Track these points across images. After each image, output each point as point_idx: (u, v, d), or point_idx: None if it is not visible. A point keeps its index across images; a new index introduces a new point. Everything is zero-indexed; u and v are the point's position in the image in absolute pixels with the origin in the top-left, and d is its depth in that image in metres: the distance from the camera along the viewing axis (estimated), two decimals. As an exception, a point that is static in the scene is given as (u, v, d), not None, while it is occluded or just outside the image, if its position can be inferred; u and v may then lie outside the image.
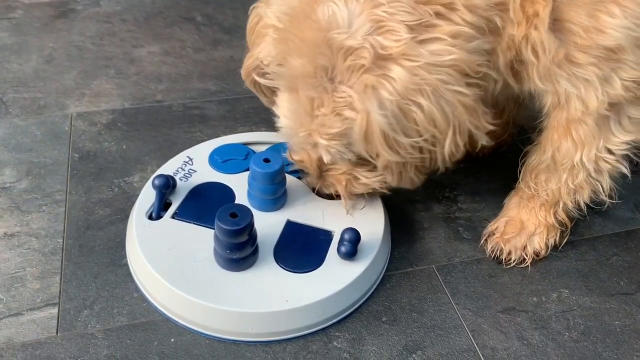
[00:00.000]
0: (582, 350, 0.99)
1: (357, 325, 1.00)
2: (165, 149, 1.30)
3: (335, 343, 0.97)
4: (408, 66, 0.79)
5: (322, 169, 1.04)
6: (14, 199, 1.16)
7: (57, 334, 0.95)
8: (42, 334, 0.95)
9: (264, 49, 0.92)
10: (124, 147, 1.30)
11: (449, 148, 0.87)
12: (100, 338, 0.95)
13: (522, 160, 1.08)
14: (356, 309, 1.02)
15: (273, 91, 0.97)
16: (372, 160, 0.93)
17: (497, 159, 1.29)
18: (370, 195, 1.09)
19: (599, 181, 1.01)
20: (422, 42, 0.79)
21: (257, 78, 0.96)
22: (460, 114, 0.84)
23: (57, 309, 0.98)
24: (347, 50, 0.80)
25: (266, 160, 1.04)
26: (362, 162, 0.97)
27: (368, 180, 1.02)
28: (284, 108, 0.92)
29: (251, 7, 0.97)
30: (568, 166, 0.99)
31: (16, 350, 0.93)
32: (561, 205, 1.08)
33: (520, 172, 1.09)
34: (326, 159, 0.94)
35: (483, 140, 0.89)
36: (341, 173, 1.03)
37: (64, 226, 1.12)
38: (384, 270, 1.08)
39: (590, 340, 1.01)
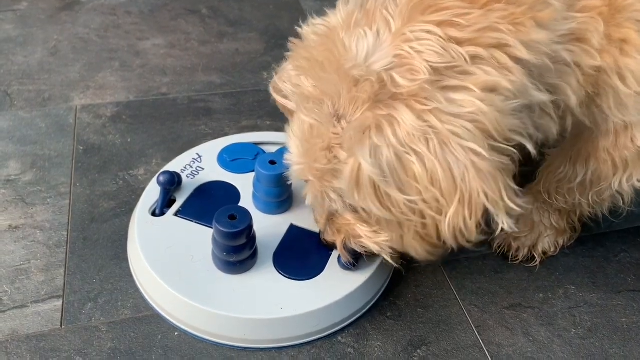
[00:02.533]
0: (589, 347, 0.99)
1: (361, 320, 1.00)
2: (170, 142, 1.30)
3: (339, 338, 0.97)
4: (417, 109, 0.68)
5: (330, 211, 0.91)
6: (18, 192, 1.16)
7: (61, 326, 0.95)
8: (47, 326, 0.95)
9: (287, 65, 0.83)
10: (129, 140, 1.30)
11: (453, 220, 0.72)
12: (105, 331, 0.95)
13: (542, 165, 1.04)
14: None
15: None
16: (363, 215, 0.81)
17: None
18: (370, 259, 0.96)
19: (621, 194, 0.97)
20: (444, 88, 0.69)
21: (273, 93, 0.86)
22: (472, 180, 0.69)
23: (61, 301, 0.98)
24: (351, 81, 0.71)
25: (272, 162, 1.02)
26: (365, 217, 0.84)
27: (367, 240, 0.88)
28: (292, 132, 0.81)
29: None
30: (603, 188, 0.94)
31: (21, 342, 0.93)
32: (577, 213, 1.06)
33: (537, 174, 1.06)
34: (308, 200, 0.84)
35: (504, 223, 0.73)
36: (344, 224, 0.90)
37: (69, 219, 1.11)
38: (386, 283, 1.04)
39: (596, 337, 1.00)
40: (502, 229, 0.82)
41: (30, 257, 1.05)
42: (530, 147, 0.73)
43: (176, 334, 0.96)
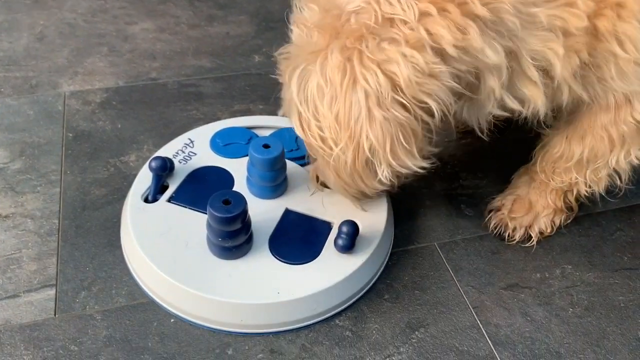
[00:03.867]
0: (586, 325, 0.99)
1: (359, 303, 0.99)
2: (160, 127, 1.28)
3: (337, 321, 0.96)
4: (347, 46, 0.73)
5: None
6: (7, 180, 1.14)
7: (55, 315, 0.94)
8: (40, 315, 0.94)
9: None
10: (119, 126, 1.27)
11: (340, 154, 0.78)
12: (99, 319, 0.94)
13: (538, 145, 1.04)
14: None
15: None
16: None
17: (499, 134, 1.27)
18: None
19: (619, 173, 0.97)
20: (382, 37, 0.73)
21: None
22: (363, 123, 0.75)
23: (54, 290, 0.97)
24: (332, 9, 0.76)
25: (266, 146, 1.00)
26: None
27: None
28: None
29: None
30: (600, 165, 0.95)
31: (14, 332, 0.91)
32: (574, 192, 1.05)
33: (533, 155, 1.05)
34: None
35: (383, 173, 0.79)
36: None
37: (60, 207, 1.10)
38: (383, 265, 1.04)
39: (594, 316, 1.00)
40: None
41: (21, 246, 1.03)
42: (438, 111, 0.75)
43: (172, 320, 0.95)
